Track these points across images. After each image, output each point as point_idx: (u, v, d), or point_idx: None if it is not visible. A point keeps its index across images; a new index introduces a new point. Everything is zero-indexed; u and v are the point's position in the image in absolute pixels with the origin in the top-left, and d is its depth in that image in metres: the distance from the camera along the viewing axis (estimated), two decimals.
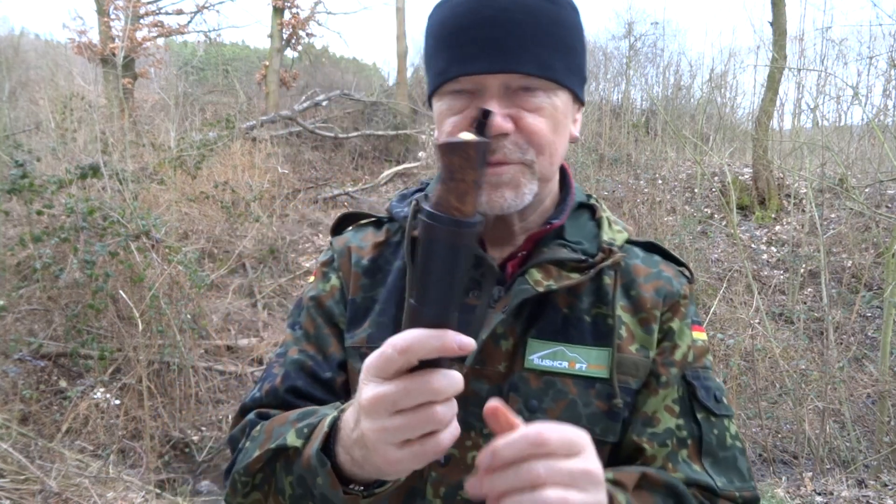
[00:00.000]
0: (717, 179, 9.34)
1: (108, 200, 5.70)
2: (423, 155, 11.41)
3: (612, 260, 0.83)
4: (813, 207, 7.38)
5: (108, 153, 6.86)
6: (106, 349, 5.00)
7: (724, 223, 8.59)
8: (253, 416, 0.84)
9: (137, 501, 3.50)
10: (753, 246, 8.42)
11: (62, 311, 5.25)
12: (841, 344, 6.24)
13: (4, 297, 5.05)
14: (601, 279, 0.85)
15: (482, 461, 0.55)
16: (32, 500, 3.22)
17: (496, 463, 0.54)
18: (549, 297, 0.82)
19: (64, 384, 4.92)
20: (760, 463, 4.78)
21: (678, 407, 0.83)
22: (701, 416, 0.83)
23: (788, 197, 9.19)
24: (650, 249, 0.92)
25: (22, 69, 11.67)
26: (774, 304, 7.22)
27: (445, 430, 0.56)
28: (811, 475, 4.34)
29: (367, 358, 0.57)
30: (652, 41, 15.76)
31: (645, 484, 0.76)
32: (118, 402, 4.71)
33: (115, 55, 10.35)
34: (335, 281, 0.92)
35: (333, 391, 0.86)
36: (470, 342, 0.53)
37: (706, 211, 9.10)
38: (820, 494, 3.89)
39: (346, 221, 1.00)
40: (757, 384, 5.28)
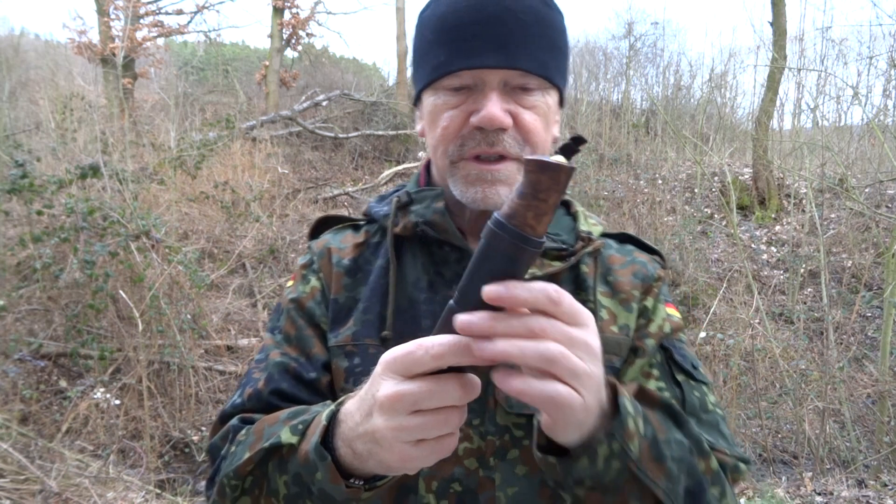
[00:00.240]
0: (717, 179, 9.34)
1: (108, 200, 5.69)
2: (422, 155, 11.39)
3: (592, 247, 0.87)
4: (813, 207, 7.39)
5: (108, 153, 6.87)
6: (106, 349, 4.99)
7: (724, 223, 8.58)
8: (236, 421, 0.82)
9: (137, 501, 3.50)
10: (753, 246, 8.41)
11: (62, 311, 5.24)
12: (841, 344, 6.24)
13: (4, 297, 5.05)
14: (579, 268, 0.88)
15: (490, 295, 0.52)
16: (32, 500, 3.22)
17: (509, 302, 0.52)
18: None
19: (64, 384, 4.92)
20: (760, 463, 4.77)
21: (657, 371, 0.84)
22: (681, 378, 0.84)
23: (788, 197, 9.20)
24: (624, 240, 0.96)
25: (22, 69, 11.64)
26: (774, 304, 7.22)
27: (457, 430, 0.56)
28: (811, 475, 4.34)
29: (386, 353, 0.57)
30: (652, 41, 15.81)
31: (642, 397, 0.74)
32: (118, 402, 4.70)
33: (115, 55, 10.36)
34: (315, 283, 0.92)
35: (319, 392, 0.85)
36: (502, 354, 0.52)
37: (706, 211, 9.10)
38: (820, 494, 3.89)
39: (323, 225, 1.00)
40: (757, 384, 5.28)
